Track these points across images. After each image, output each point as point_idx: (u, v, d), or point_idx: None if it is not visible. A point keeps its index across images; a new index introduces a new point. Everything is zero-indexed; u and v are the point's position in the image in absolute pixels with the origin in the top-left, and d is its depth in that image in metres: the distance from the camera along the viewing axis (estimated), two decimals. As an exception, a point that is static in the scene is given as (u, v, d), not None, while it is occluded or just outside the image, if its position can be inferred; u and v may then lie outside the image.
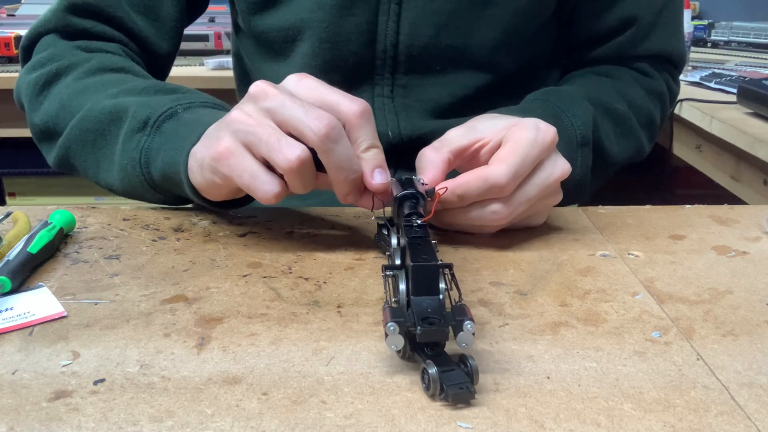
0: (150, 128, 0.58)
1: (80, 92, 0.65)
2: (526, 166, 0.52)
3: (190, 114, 0.58)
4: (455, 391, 0.36)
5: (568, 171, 0.55)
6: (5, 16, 2.01)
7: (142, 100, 0.61)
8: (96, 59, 0.68)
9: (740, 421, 0.35)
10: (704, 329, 0.44)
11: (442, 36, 0.71)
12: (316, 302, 0.47)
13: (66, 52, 0.70)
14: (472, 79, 0.74)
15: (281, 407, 0.36)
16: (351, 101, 0.49)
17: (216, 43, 1.76)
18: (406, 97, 0.74)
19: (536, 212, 0.58)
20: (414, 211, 0.48)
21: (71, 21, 0.72)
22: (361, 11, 0.71)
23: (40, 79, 0.68)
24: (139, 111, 0.59)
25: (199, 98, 0.61)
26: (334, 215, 0.63)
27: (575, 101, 0.67)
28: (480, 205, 0.53)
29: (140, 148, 0.58)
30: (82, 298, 0.47)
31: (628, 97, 0.75)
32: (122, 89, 0.63)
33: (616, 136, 0.72)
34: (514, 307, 0.47)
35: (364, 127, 0.49)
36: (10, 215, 0.59)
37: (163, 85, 0.65)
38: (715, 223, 0.62)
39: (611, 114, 0.72)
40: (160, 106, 0.59)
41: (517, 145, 0.52)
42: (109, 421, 0.35)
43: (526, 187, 0.53)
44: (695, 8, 2.25)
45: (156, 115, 0.58)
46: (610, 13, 0.76)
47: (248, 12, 0.75)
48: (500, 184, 0.51)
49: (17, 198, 1.90)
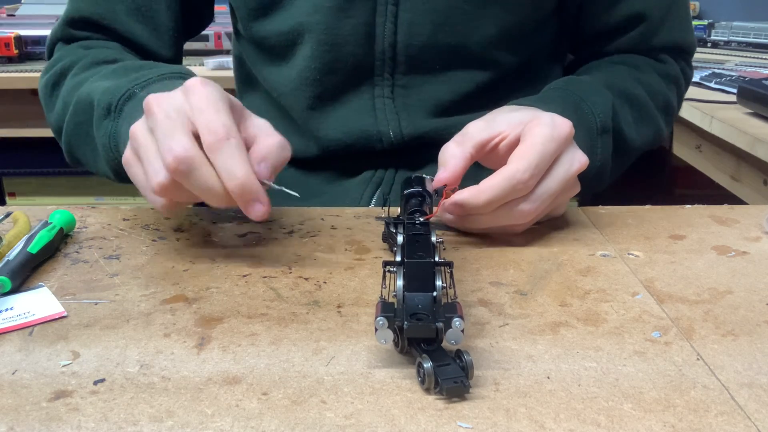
0: (113, 113, 0.60)
1: (75, 87, 0.67)
2: (545, 161, 0.53)
3: (145, 92, 0.59)
4: (450, 385, 0.36)
5: (585, 163, 0.56)
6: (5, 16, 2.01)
7: (106, 85, 0.62)
8: (92, 54, 0.71)
9: (740, 421, 0.35)
10: (704, 329, 0.44)
11: (440, 35, 0.71)
12: (316, 302, 0.47)
13: (69, 52, 0.74)
14: (472, 77, 0.74)
15: (281, 407, 0.36)
16: (209, 131, 0.47)
17: (216, 43, 1.76)
18: (406, 96, 0.74)
19: (557, 205, 0.59)
20: (417, 209, 0.49)
21: (72, 34, 0.76)
22: (359, 13, 0.71)
23: (49, 80, 0.72)
24: (102, 97, 0.61)
25: (158, 72, 0.62)
26: (334, 215, 0.63)
27: (594, 89, 0.68)
28: (506, 207, 0.54)
29: (108, 133, 0.60)
30: (82, 298, 0.47)
31: (645, 83, 0.75)
32: (99, 76, 0.65)
33: (635, 121, 0.72)
34: (514, 307, 0.47)
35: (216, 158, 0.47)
36: (10, 215, 0.59)
37: (130, 65, 0.66)
38: (715, 223, 0.62)
39: (630, 100, 0.72)
40: (120, 89, 0.60)
41: (534, 140, 0.53)
42: (109, 421, 0.35)
43: (547, 182, 0.54)
44: (695, 8, 2.25)
45: (116, 99, 0.60)
46: (617, 9, 0.76)
47: (248, 18, 0.76)
48: (523, 180, 0.52)
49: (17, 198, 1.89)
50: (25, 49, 1.68)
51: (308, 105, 0.76)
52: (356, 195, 0.76)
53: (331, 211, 0.64)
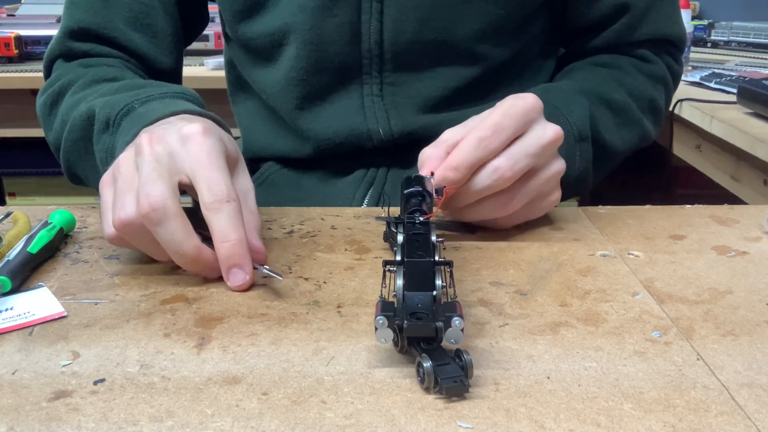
0: (111, 127, 0.59)
1: (74, 105, 0.66)
2: (507, 118, 0.52)
3: (144, 108, 0.59)
4: (449, 385, 0.36)
5: (559, 134, 0.55)
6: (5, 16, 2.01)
7: (107, 100, 0.62)
8: (92, 72, 0.71)
9: (740, 421, 0.35)
10: (704, 329, 0.44)
11: (425, 31, 0.71)
12: (316, 302, 0.47)
13: (68, 71, 0.73)
14: (461, 72, 0.74)
15: (281, 407, 0.36)
16: (210, 190, 0.47)
17: (216, 43, 1.76)
18: (395, 94, 0.74)
19: (536, 207, 0.58)
20: (417, 208, 0.49)
21: (72, 46, 0.75)
22: (343, 11, 0.71)
23: (48, 99, 0.72)
24: (101, 112, 0.61)
25: (161, 90, 0.62)
26: (334, 215, 0.63)
27: (570, 97, 0.67)
28: (480, 170, 0.53)
29: (106, 147, 0.60)
30: (82, 298, 0.47)
31: (627, 85, 0.75)
32: (100, 93, 0.65)
33: (616, 126, 0.72)
34: (514, 307, 0.47)
35: (212, 218, 0.47)
36: (10, 215, 0.59)
37: (133, 83, 0.66)
38: (715, 223, 0.62)
39: (609, 105, 0.72)
40: (119, 103, 0.60)
41: (495, 108, 0.53)
42: (109, 421, 0.35)
43: (521, 143, 0.53)
44: (695, 8, 2.25)
45: (114, 113, 0.60)
46: (601, 1, 0.76)
47: (234, 21, 0.76)
48: (485, 137, 0.52)
49: (17, 198, 1.90)
50: (25, 49, 1.68)
51: (296, 105, 0.76)
52: (349, 194, 0.76)
53: (331, 211, 0.64)
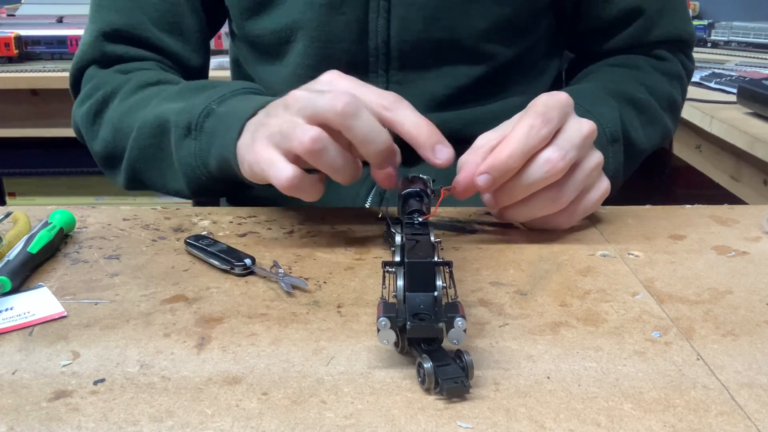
0: (194, 131, 0.61)
1: (127, 113, 0.69)
2: (550, 109, 0.52)
3: (224, 107, 0.61)
4: (450, 385, 0.36)
5: (594, 127, 0.55)
6: (5, 16, 2.01)
7: (179, 106, 0.64)
8: (134, 78, 0.72)
9: (740, 421, 0.35)
10: (704, 329, 0.44)
11: (432, 29, 0.72)
12: (316, 302, 0.47)
13: (108, 78, 0.74)
14: (467, 71, 0.74)
15: (281, 407, 0.36)
16: (380, 95, 0.52)
17: (216, 43, 1.76)
18: (401, 92, 0.74)
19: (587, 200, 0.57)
20: (416, 208, 0.49)
21: (106, 49, 0.76)
22: (351, 9, 0.71)
23: (91, 109, 0.73)
24: (179, 118, 0.62)
25: (229, 89, 0.63)
26: (334, 215, 0.63)
27: (599, 99, 0.68)
28: (530, 162, 0.53)
29: (193, 153, 0.61)
30: (82, 298, 0.47)
31: (647, 84, 0.75)
32: (160, 99, 0.67)
33: (642, 125, 0.72)
34: (514, 307, 0.47)
35: (397, 114, 0.51)
36: (10, 215, 0.59)
37: (194, 85, 0.68)
38: (715, 223, 0.62)
39: (634, 104, 0.72)
40: (196, 107, 0.62)
41: (532, 105, 0.54)
42: (109, 421, 0.35)
43: (564, 134, 0.53)
44: (695, 8, 2.25)
45: (195, 117, 0.61)
46: (613, 4, 0.76)
47: (241, 17, 0.77)
48: (536, 125, 0.52)
49: (17, 198, 1.90)
50: (25, 49, 1.68)
51: None
52: (353, 193, 0.76)
53: (331, 211, 0.64)
